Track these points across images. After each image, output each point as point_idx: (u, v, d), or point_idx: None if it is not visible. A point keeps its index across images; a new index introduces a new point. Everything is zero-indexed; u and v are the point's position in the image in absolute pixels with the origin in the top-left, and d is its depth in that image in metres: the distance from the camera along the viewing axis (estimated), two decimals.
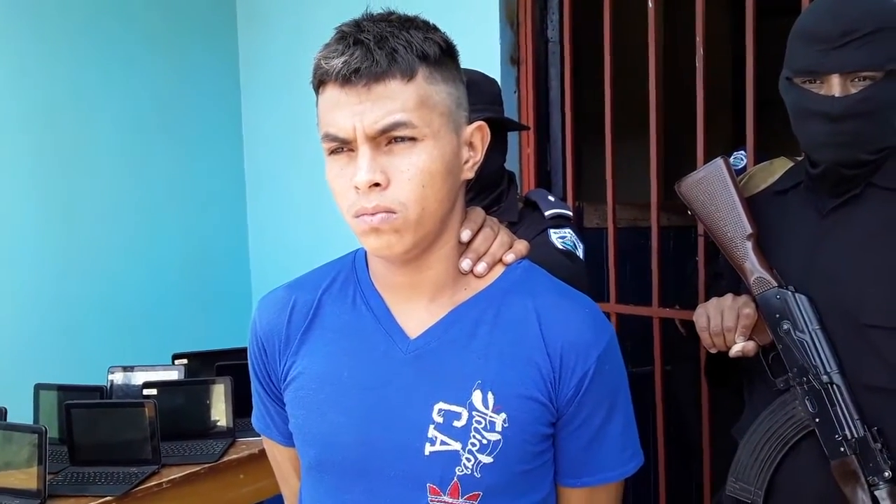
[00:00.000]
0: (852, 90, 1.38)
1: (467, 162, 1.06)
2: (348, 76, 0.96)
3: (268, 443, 1.25)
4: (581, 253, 1.73)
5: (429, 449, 1.03)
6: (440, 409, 1.04)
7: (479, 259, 1.10)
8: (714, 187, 1.54)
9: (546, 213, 1.75)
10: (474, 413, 1.03)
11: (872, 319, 1.40)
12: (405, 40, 0.98)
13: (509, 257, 1.12)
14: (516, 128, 2.30)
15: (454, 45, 1.06)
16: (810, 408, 1.44)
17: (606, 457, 1.09)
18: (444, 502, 1.03)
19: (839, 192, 1.47)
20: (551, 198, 1.81)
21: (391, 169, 0.98)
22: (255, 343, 1.17)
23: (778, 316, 1.46)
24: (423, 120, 0.98)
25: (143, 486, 2.10)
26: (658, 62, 2.35)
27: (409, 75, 0.97)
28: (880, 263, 1.42)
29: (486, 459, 1.03)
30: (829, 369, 1.42)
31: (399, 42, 0.97)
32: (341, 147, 1.00)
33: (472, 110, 1.10)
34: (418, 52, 0.98)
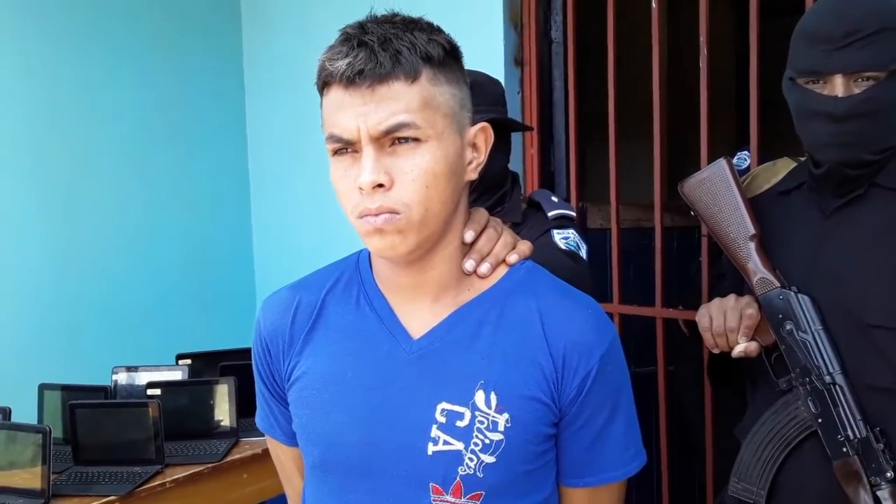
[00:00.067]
0: (856, 90, 1.38)
1: (471, 163, 1.07)
2: (352, 78, 0.97)
3: (271, 442, 1.25)
4: (584, 253, 1.73)
5: (431, 449, 1.04)
6: (443, 409, 1.04)
7: (482, 260, 1.10)
8: (717, 188, 1.54)
9: (549, 214, 1.75)
10: (477, 413, 1.03)
11: (876, 320, 1.40)
12: (409, 42, 0.98)
13: (513, 258, 1.12)
14: (520, 128, 2.31)
15: (458, 46, 1.06)
16: (813, 408, 1.44)
17: (609, 457, 1.09)
18: (447, 502, 1.03)
19: (843, 193, 1.46)
20: (555, 198, 1.81)
21: (395, 170, 0.98)
22: (259, 343, 1.17)
23: (781, 316, 1.46)
24: (426, 121, 0.98)
25: (146, 486, 2.11)
26: (661, 63, 2.34)
27: (413, 77, 0.98)
28: (884, 264, 1.41)
29: (488, 459, 1.03)
30: (831, 370, 1.42)
31: (403, 44, 0.98)
32: (345, 148, 1.00)
33: (476, 111, 1.10)
34: (422, 53, 0.98)
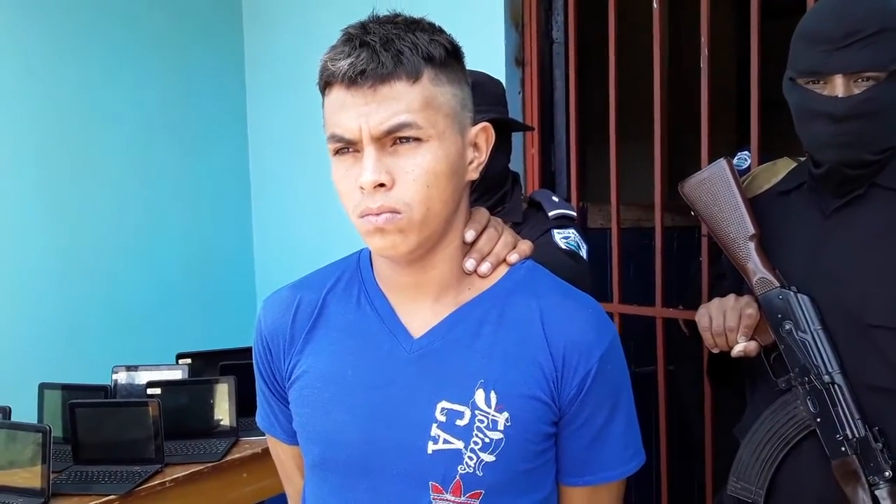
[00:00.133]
0: (856, 91, 1.38)
1: (472, 163, 1.07)
2: (354, 78, 0.97)
3: (272, 441, 1.26)
4: (585, 253, 1.73)
5: (431, 447, 1.04)
6: (443, 408, 1.04)
7: (483, 259, 1.10)
8: (717, 188, 1.54)
9: (550, 214, 1.76)
10: (477, 412, 1.04)
11: (876, 320, 1.40)
12: (411, 42, 0.98)
13: (513, 257, 1.13)
14: (521, 128, 2.31)
15: (459, 46, 1.06)
16: (812, 408, 1.44)
17: (608, 456, 1.09)
18: (447, 500, 1.04)
19: (843, 193, 1.47)
20: (555, 198, 1.81)
21: (396, 169, 0.99)
22: (259, 342, 1.18)
23: (780, 316, 1.46)
24: (428, 121, 0.99)
25: (146, 485, 2.11)
26: (662, 63, 2.35)
27: (415, 77, 0.98)
28: (884, 264, 1.42)
29: (488, 458, 1.03)
30: (830, 369, 1.43)
31: (405, 44, 0.98)
32: (347, 148, 1.00)
33: (477, 111, 1.11)
34: (424, 53, 0.99)
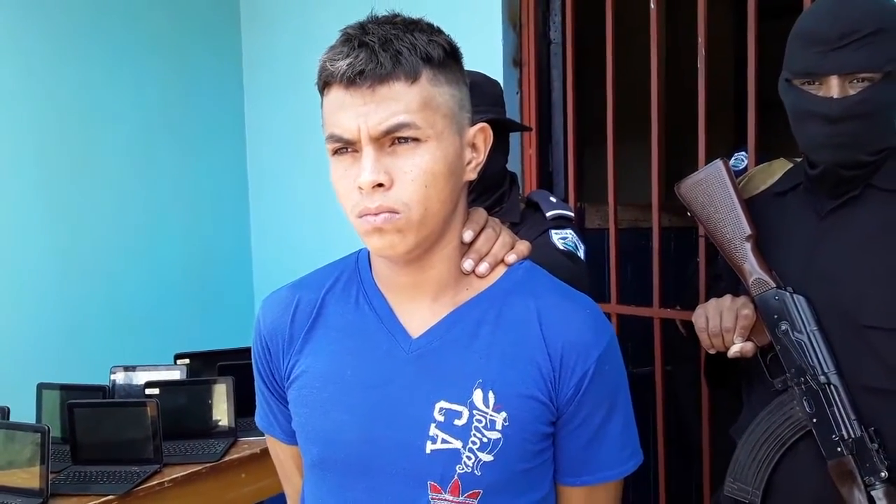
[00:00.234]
0: (851, 92, 1.38)
1: (470, 163, 1.07)
2: (353, 78, 0.97)
3: (271, 441, 1.26)
4: (582, 254, 1.73)
5: (430, 447, 1.04)
6: (441, 408, 1.05)
7: (481, 259, 1.11)
8: (713, 189, 1.54)
9: (547, 214, 1.76)
10: (475, 412, 1.04)
11: (871, 321, 1.41)
12: (409, 43, 0.99)
13: (511, 258, 1.13)
14: (518, 129, 2.32)
15: (458, 47, 1.06)
16: (808, 408, 1.45)
17: (606, 456, 1.10)
18: (445, 500, 1.04)
19: (838, 194, 1.47)
20: (553, 199, 1.81)
21: (395, 169, 0.99)
22: (258, 342, 1.18)
23: (776, 317, 1.47)
24: (426, 121, 0.99)
25: (144, 486, 2.11)
26: (660, 63, 2.35)
27: (413, 77, 0.98)
28: (879, 265, 1.42)
29: (486, 458, 1.04)
30: (826, 370, 1.43)
31: (403, 44, 0.98)
32: (345, 148, 1.01)
33: (475, 112, 1.11)
34: (422, 54, 0.99)
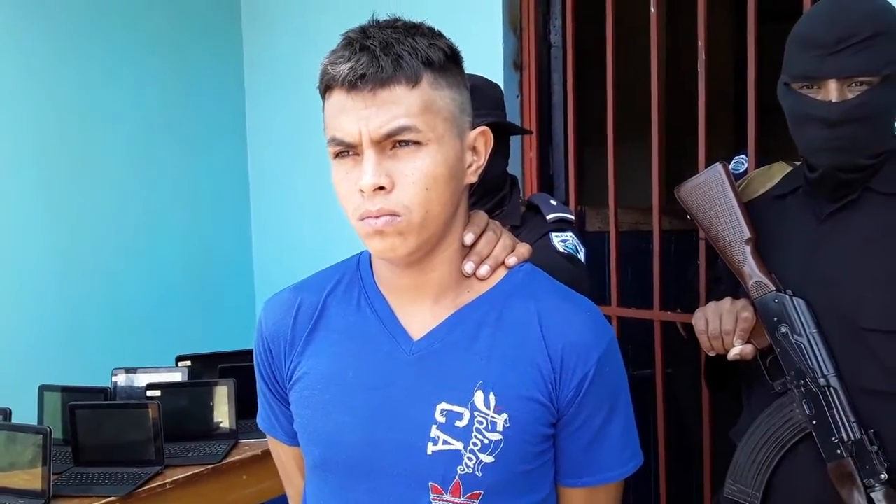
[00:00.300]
0: (849, 95, 1.39)
1: (471, 166, 1.08)
2: (354, 82, 0.98)
3: (272, 442, 1.26)
4: (582, 256, 1.74)
5: (431, 448, 1.05)
6: (442, 410, 1.05)
7: (481, 262, 1.11)
8: (713, 192, 1.55)
9: (548, 217, 1.76)
10: (476, 413, 1.04)
11: (870, 323, 1.41)
12: (410, 46, 0.99)
13: (511, 260, 1.13)
14: (519, 132, 2.32)
15: (459, 51, 1.07)
16: (807, 410, 1.45)
17: (606, 457, 1.10)
18: (446, 501, 1.04)
19: (837, 197, 1.47)
20: (553, 201, 1.82)
21: (396, 173, 0.99)
22: (260, 344, 1.18)
23: (776, 319, 1.47)
24: (427, 125, 1.00)
25: (146, 487, 2.12)
26: (660, 66, 2.35)
27: (414, 81, 0.99)
28: (878, 268, 1.42)
29: (487, 459, 1.04)
30: (826, 372, 1.43)
31: (404, 48, 0.99)
32: (347, 151, 1.01)
33: (476, 115, 1.11)
34: (423, 58, 1.00)
